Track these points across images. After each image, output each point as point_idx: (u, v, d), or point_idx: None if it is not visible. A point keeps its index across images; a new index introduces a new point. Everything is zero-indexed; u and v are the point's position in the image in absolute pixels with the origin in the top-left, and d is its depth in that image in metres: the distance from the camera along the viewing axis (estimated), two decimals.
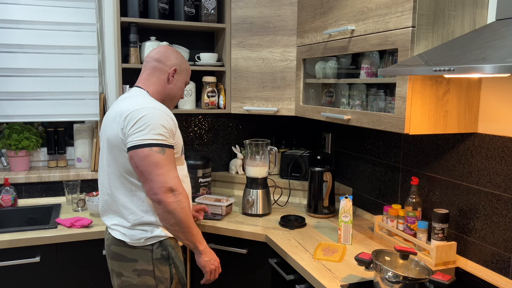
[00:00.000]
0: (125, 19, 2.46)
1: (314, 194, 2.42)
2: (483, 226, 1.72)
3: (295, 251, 1.92)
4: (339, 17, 2.00)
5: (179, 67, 1.85)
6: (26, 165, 2.68)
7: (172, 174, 1.64)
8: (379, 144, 2.31)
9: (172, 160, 1.67)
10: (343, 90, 2.22)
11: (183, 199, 1.65)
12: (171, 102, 1.88)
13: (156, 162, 1.61)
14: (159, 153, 1.62)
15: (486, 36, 1.37)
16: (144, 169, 1.62)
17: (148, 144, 1.61)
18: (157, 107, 1.69)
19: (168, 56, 1.83)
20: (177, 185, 1.64)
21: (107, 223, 1.80)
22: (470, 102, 1.71)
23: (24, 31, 2.57)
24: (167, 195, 1.62)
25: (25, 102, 2.62)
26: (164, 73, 1.82)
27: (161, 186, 1.61)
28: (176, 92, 1.87)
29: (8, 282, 2.05)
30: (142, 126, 1.62)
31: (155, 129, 1.62)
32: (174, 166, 1.67)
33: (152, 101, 1.73)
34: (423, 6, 1.57)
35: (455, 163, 1.84)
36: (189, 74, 1.91)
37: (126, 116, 1.64)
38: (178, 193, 1.64)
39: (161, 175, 1.62)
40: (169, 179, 1.63)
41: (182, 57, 1.88)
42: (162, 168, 1.62)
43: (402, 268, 1.54)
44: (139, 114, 1.63)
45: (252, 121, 3.05)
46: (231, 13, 2.58)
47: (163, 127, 1.65)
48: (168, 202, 1.62)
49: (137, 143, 1.61)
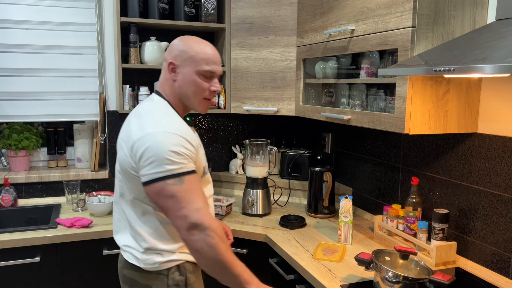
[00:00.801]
0: (125, 19, 2.46)
1: (314, 194, 2.42)
2: (483, 226, 1.72)
3: (295, 251, 1.92)
4: (339, 17, 2.00)
5: (180, 57, 1.49)
6: (26, 165, 2.68)
7: (193, 206, 1.37)
8: (379, 144, 2.31)
9: (195, 188, 1.41)
10: (343, 90, 2.22)
11: (211, 235, 1.37)
12: (189, 101, 1.54)
13: (172, 196, 1.37)
14: (175, 185, 1.37)
15: (486, 36, 1.37)
16: (162, 206, 1.40)
17: (160, 178, 1.37)
18: (167, 129, 1.41)
19: (170, 49, 1.53)
20: (201, 219, 1.37)
21: (119, 243, 1.61)
22: (470, 102, 1.71)
23: (24, 31, 2.57)
24: (190, 232, 1.37)
25: (25, 102, 2.62)
26: (166, 71, 1.54)
27: (182, 223, 1.37)
28: (187, 88, 1.51)
29: (8, 282, 2.05)
30: (149, 158, 1.38)
31: (165, 158, 1.37)
32: (197, 194, 1.40)
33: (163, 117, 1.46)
34: (423, 6, 1.57)
35: (455, 163, 1.84)
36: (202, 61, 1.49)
37: (133, 146, 1.42)
38: (204, 228, 1.36)
39: (180, 209, 1.37)
40: (191, 213, 1.37)
41: (188, 44, 1.50)
42: (180, 201, 1.37)
43: (402, 268, 1.54)
44: (143, 144, 1.39)
45: (252, 121, 3.05)
46: (231, 13, 2.58)
47: (175, 153, 1.38)
48: (192, 241, 1.37)
49: (148, 178, 1.38)
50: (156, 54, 2.56)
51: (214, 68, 1.51)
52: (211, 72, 1.50)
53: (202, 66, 1.49)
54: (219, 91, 1.54)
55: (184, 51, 1.49)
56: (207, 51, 1.50)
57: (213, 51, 1.52)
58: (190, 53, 1.49)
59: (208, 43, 1.53)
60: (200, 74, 1.49)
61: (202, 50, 1.49)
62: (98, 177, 2.68)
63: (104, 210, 2.37)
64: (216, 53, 1.53)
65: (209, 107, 1.64)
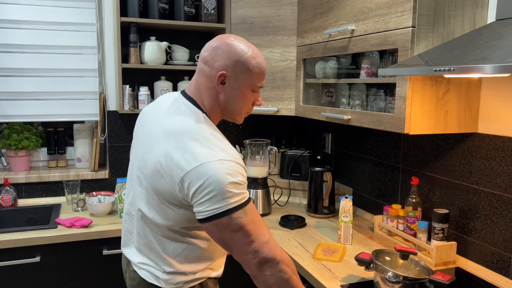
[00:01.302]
0: (125, 19, 2.46)
1: (314, 194, 2.42)
2: (483, 226, 1.72)
3: (295, 251, 1.92)
4: (339, 17, 2.00)
5: (233, 69, 1.30)
6: (26, 165, 2.68)
7: (262, 239, 1.26)
8: (379, 144, 2.31)
9: (257, 216, 1.28)
10: (343, 90, 2.22)
11: (283, 269, 1.28)
12: (231, 114, 1.39)
13: (239, 229, 1.24)
14: (240, 218, 1.24)
15: (486, 36, 1.37)
16: (228, 241, 1.27)
17: (224, 212, 1.22)
18: (222, 156, 1.24)
19: (218, 54, 1.30)
20: (272, 252, 1.27)
21: (133, 260, 1.46)
22: (470, 102, 1.71)
23: (24, 31, 2.57)
24: (261, 268, 1.27)
25: (25, 102, 2.62)
26: (211, 80, 1.32)
27: (251, 258, 1.26)
28: (235, 103, 1.35)
29: (8, 282, 2.05)
30: (208, 195, 1.21)
31: (228, 191, 1.21)
32: (263, 225, 1.29)
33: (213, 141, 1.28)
34: (423, 6, 1.57)
35: (455, 163, 1.84)
36: (257, 76, 1.33)
37: (183, 178, 1.23)
38: (276, 263, 1.27)
39: (249, 244, 1.25)
40: (261, 248, 1.26)
41: (240, 53, 1.30)
42: (248, 235, 1.25)
43: (402, 268, 1.54)
44: (198, 180, 1.21)
45: (252, 121, 3.05)
46: (231, 13, 2.58)
47: (236, 184, 1.23)
48: (265, 277, 1.28)
49: (210, 214, 1.23)
50: (156, 54, 2.56)
51: (263, 83, 1.39)
52: (261, 87, 1.38)
53: (256, 82, 1.34)
54: (260, 105, 1.44)
55: (239, 62, 1.30)
56: (262, 64, 1.34)
57: (265, 62, 1.38)
58: (247, 66, 1.31)
59: (258, 51, 1.37)
60: (251, 89, 1.35)
61: (258, 64, 1.33)
62: (98, 177, 2.68)
63: (104, 210, 2.36)
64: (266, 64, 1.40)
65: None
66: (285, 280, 1.29)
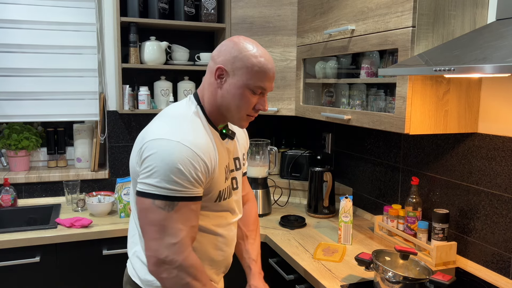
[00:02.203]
0: (125, 19, 2.46)
1: (314, 194, 2.42)
2: (483, 226, 1.72)
3: (295, 251, 1.91)
4: (339, 17, 2.00)
5: (232, 64, 1.28)
6: (26, 165, 2.68)
7: (170, 240, 1.21)
8: (379, 144, 2.31)
9: (186, 219, 1.23)
10: (343, 90, 2.22)
11: (181, 275, 1.22)
12: (229, 114, 1.35)
13: (154, 221, 1.21)
14: (162, 210, 1.20)
15: (486, 36, 1.37)
16: (141, 224, 1.25)
17: (151, 194, 1.20)
18: (184, 140, 1.22)
19: (221, 50, 1.31)
20: (172, 256, 1.21)
21: (128, 253, 1.47)
22: (470, 102, 1.71)
23: (24, 31, 2.56)
24: (158, 269, 1.22)
25: (24, 102, 2.62)
26: (212, 75, 1.33)
27: (151, 255, 1.22)
28: (231, 100, 1.31)
29: (8, 282, 2.05)
30: (150, 167, 1.21)
31: (165, 174, 1.19)
32: (183, 228, 1.23)
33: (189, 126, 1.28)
34: (423, 6, 1.57)
35: (455, 163, 1.84)
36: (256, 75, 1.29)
37: (142, 146, 1.25)
38: (173, 267, 1.21)
39: (155, 240, 1.21)
40: (163, 248, 1.21)
41: (244, 51, 1.28)
42: (160, 231, 1.21)
43: (402, 268, 1.54)
44: (150, 150, 1.22)
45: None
46: (231, 13, 2.58)
47: (181, 171, 1.20)
48: (160, 278, 1.24)
49: (140, 188, 1.23)
50: (156, 54, 2.56)
51: (267, 86, 1.31)
52: (263, 89, 1.31)
53: (254, 81, 1.28)
54: (265, 110, 1.35)
55: (238, 58, 1.28)
56: (264, 65, 1.28)
57: (271, 65, 1.31)
58: (245, 62, 1.27)
59: (267, 53, 1.32)
60: (250, 89, 1.29)
61: (259, 63, 1.28)
62: (98, 177, 2.68)
63: (104, 210, 2.36)
64: (273, 68, 1.33)
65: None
66: (183, 285, 1.24)
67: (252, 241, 1.61)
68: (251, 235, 1.62)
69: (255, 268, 1.57)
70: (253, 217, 1.67)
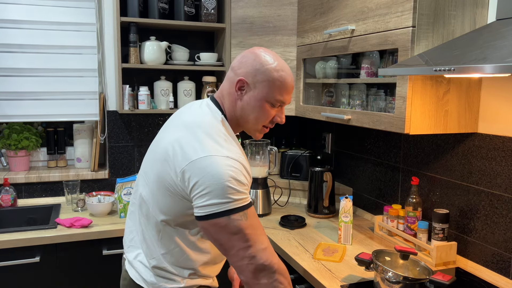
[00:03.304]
0: (125, 19, 2.46)
1: (314, 194, 2.42)
2: (483, 226, 1.72)
3: (295, 251, 1.91)
4: (339, 17, 2.00)
5: (253, 77, 1.30)
6: (25, 165, 2.68)
7: (260, 245, 1.23)
8: (379, 144, 2.31)
9: (257, 222, 1.25)
10: (343, 90, 2.22)
11: (279, 279, 1.24)
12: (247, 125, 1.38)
13: (237, 231, 1.21)
14: (240, 220, 1.21)
15: (486, 36, 1.37)
16: (224, 243, 1.23)
17: (224, 212, 1.20)
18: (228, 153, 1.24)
19: (243, 62, 1.33)
20: (269, 260, 1.23)
21: (127, 256, 1.47)
22: (470, 102, 1.71)
23: (24, 31, 2.56)
24: (256, 275, 1.22)
25: (24, 102, 2.62)
26: (232, 85, 1.34)
27: (247, 264, 1.22)
28: (250, 112, 1.33)
29: (8, 282, 2.05)
30: (208, 187, 1.19)
31: (229, 187, 1.20)
32: (261, 231, 1.26)
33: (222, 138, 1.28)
34: (423, 6, 1.57)
35: (455, 163, 1.84)
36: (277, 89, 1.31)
37: (183, 168, 1.23)
38: (272, 271, 1.23)
39: (246, 249, 1.22)
40: (258, 254, 1.22)
41: (263, 63, 1.31)
42: (246, 240, 1.21)
43: (402, 268, 1.54)
44: (203, 170, 1.20)
45: None
46: (231, 13, 2.58)
47: (238, 182, 1.22)
48: (259, 285, 1.23)
49: (208, 212, 1.21)
50: (156, 54, 2.56)
51: (286, 99, 1.35)
52: (282, 102, 1.35)
53: (275, 94, 1.32)
54: (282, 122, 1.39)
55: (259, 71, 1.30)
56: (285, 78, 1.32)
57: (291, 78, 1.35)
58: (267, 76, 1.30)
59: (286, 66, 1.35)
60: (270, 102, 1.33)
61: (281, 77, 1.31)
62: (98, 177, 2.68)
63: (104, 210, 2.36)
64: (293, 82, 1.37)
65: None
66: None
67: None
68: None
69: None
70: None
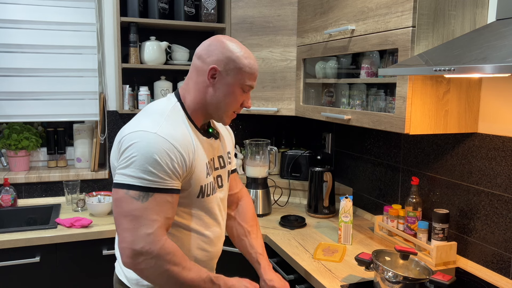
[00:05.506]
0: (125, 19, 2.46)
1: (314, 194, 2.42)
2: (483, 226, 1.72)
3: (295, 251, 1.91)
4: (339, 17, 2.00)
5: (225, 66, 1.33)
6: (25, 165, 2.68)
7: (146, 230, 1.19)
8: (379, 144, 2.31)
9: (160, 210, 1.22)
10: (343, 90, 2.22)
11: (159, 263, 1.21)
12: (218, 112, 1.39)
13: (128, 211, 1.19)
14: (136, 200, 1.19)
15: (486, 36, 1.37)
16: (115, 216, 1.23)
17: (125, 184, 1.20)
18: (162, 132, 1.25)
19: (212, 50, 1.34)
20: (148, 246, 1.19)
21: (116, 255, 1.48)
22: (470, 102, 1.71)
23: (24, 31, 2.56)
24: (134, 261, 1.20)
25: (25, 102, 2.62)
26: (202, 74, 1.35)
27: (126, 247, 1.20)
28: (223, 99, 1.36)
29: (8, 282, 2.05)
30: (127, 158, 1.22)
31: (142, 164, 1.20)
32: (158, 218, 1.22)
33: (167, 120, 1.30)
34: (423, 6, 1.57)
35: (456, 163, 1.84)
36: (247, 75, 1.36)
37: (121, 140, 1.28)
38: (150, 257, 1.20)
39: (129, 231, 1.19)
40: (139, 239, 1.19)
41: (237, 50, 1.34)
42: (133, 221, 1.19)
43: (402, 268, 1.54)
44: (128, 142, 1.24)
45: (252, 121, 3.05)
46: (231, 13, 2.58)
47: (157, 162, 1.21)
48: (138, 270, 1.22)
49: (116, 180, 1.23)
50: (156, 54, 2.56)
51: (253, 84, 1.39)
52: (251, 87, 1.39)
53: (245, 80, 1.36)
54: (249, 107, 1.44)
55: (230, 59, 1.33)
56: (253, 65, 1.37)
57: (257, 65, 1.41)
58: (237, 63, 1.34)
59: (252, 54, 1.40)
60: (241, 88, 1.36)
61: (249, 64, 1.36)
62: (98, 177, 2.68)
63: (104, 210, 2.36)
64: (258, 67, 1.42)
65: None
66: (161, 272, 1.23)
67: (254, 236, 1.61)
68: (252, 230, 1.62)
69: (264, 262, 1.57)
70: (250, 212, 1.67)
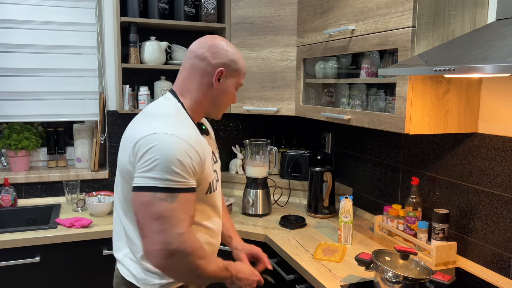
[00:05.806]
0: (125, 19, 2.46)
1: (314, 194, 2.42)
2: (483, 226, 1.72)
3: (295, 251, 1.91)
4: (339, 17, 2.00)
5: (229, 67, 1.39)
6: (26, 165, 2.68)
7: (177, 230, 1.22)
8: (379, 144, 2.31)
9: (187, 210, 1.26)
10: (343, 90, 2.22)
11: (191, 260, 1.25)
12: (217, 109, 1.45)
13: (157, 213, 1.21)
14: (165, 201, 1.22)
15: (486, 36, 1.37)
16: (141, 220, 1.24)
17: (151, 187, 1.22)
18: (177, 133, 1.26)
19: (216, 52, 1.37)
20: (183, 246, 1.23)
21: (116, 256, 1.47)
22: (470, 102, 1.71)
23: (24, 31, 2.56)
24: (168, 261, 1.23)
25: (25, 102, 2.62)
26: (207, 76, 1.38)
27: (159, 248, 1.21)
28: (223, 98, 1.42)
29: (8, 282, 2.05)
30: (149, 160, 1.23)
31: (166, 166, 1.22)
32: (186, 218, 1.25)
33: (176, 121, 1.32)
34: (423, 6, 1.57)
35: (455, 163, 1.84)
36: (242, 75, 1.45)
37: (136, 143, 1.27)
38: (184, 256, 1.24)
39: (161, 232, 1.21)
40: (172, 239, 1.22)
41: (236, 52, 1.41)
42: (164, 222, 1.21)
43: (402, 268, 1.54)
44: (148, 144, 1.24)
45: (252, 121, 3.05)
46: (231, 13, 2.58)
47: (180, 163, 1.23)
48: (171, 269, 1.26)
49: (139, 183, 1.24)
50: (156, 54, 2.56)
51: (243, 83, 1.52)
52: (241, 85, 1.49)
53: (241, 80, 1.45)
54: (235, 102, 1.59)
55: (234, 61, 1.40)
56: (245, 67, 1.46)
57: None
58: (238, 65, 1.41)
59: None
60: (236, 87, 1.45)
61: (243, 64, 1.44)
62: (98, 177, 2.68)
63: (104, 210, 2.36)
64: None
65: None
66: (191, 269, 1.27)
67: (223, 217, 1.67)
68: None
69: (236, 236, 1.69)
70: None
